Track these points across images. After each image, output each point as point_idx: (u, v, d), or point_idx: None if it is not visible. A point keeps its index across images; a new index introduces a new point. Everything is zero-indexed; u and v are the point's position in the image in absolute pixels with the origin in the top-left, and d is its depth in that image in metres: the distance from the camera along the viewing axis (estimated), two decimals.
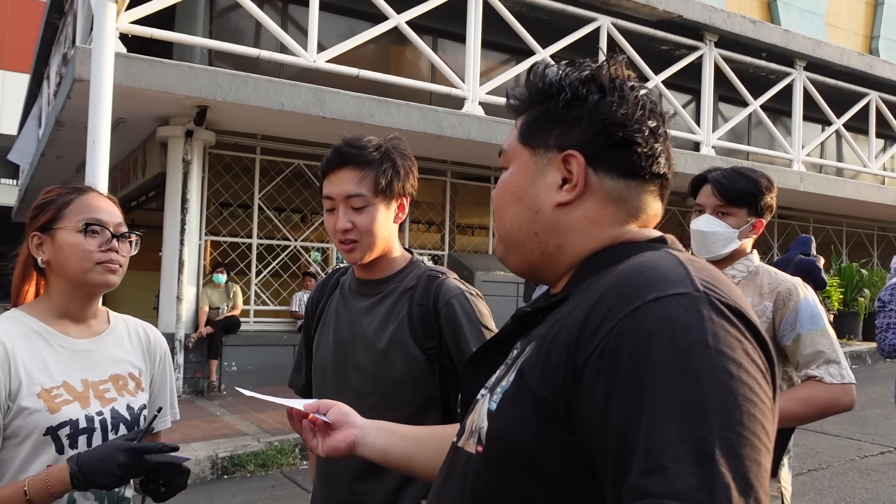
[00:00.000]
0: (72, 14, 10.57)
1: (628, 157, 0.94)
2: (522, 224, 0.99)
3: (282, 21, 9.12)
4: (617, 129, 0.93)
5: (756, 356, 0.76)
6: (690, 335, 0.73)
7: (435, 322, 1.72)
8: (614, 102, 0.94)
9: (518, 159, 1.01)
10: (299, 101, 7.72)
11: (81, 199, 1.59)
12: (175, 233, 8.37)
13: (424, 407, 1.73)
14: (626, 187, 0.96)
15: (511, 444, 0.84)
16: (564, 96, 0.95)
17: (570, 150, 0.94)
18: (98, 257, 1.54)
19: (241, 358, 8.81)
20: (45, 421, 1.47)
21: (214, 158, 9.12)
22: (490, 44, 9.61)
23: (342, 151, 1.73)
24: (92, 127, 5.42)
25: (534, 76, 1.01)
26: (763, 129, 12.79)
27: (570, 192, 0.95)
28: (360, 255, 1.74)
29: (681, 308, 0.75)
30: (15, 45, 24.60)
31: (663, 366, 0.72)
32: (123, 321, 1.76)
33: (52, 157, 11.03)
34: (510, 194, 1.00)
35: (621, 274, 0.83)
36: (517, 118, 1.03)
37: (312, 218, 10.05)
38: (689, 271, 0.81)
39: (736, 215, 2.24)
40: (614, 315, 0.77)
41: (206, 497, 5.27)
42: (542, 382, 0.82)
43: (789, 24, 13.90)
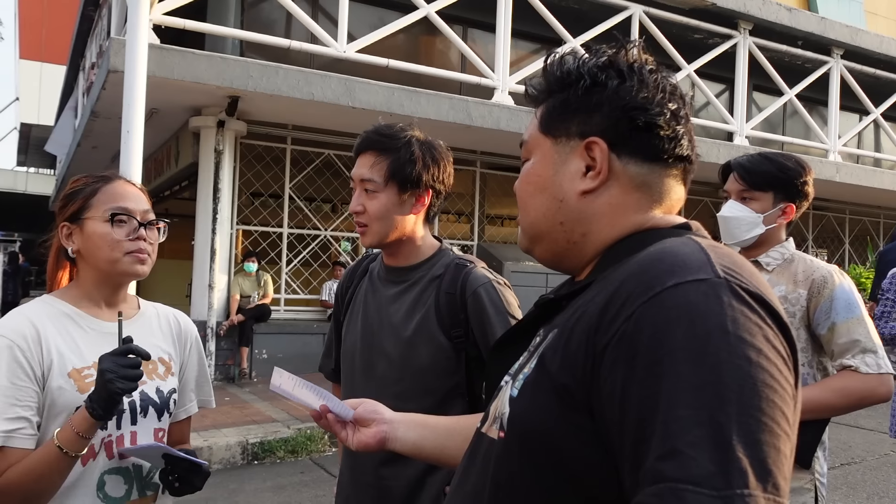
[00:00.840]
0: (107, 6, 10.72)
1: (651, 141, 0.93)
2: (547, 214, 0.98)
3: (312, 11, 9.16)
4: (638, 113, 0.92)
5: (777, 342, 0.75)
6: (709, 321, 0.73)
7: (462, 311, 1.73)
8: (634, 86, 0.93)
9: (540, 149, 1.00)
10: (329, 92, 7.75)
11: (108, 187, 1.59)
12: (207, 222, 8.47)
13: (450, 395, 1.74)
14: (650, 172, 0.95)
15: (532, 429, 0.85)
16: (584, 83, 0.95)
17: (592, 136, 0.94)
18: (127, 247, 1.55)
19: (272, 346, 8.91)
20: (74, 400, 1.48)
21: (246, 148, 9.20)
22: (520, 33, 9.56)
23: (367, 135, 1.78)
24: (126, 117, 5.51)
25: (551, 65, 1.00)
26: (798, 118, 12.56)
27: (594, 180, 0.94)
28: (370, 239, 1.77)
29: (700, 294, 0.75)
30: (52, 38, 25.03)
31: (681, 351, 0.72)
32: (154, 308, 1.77)
33: (87, 148, 11.23)
34: (533, 184, 1.00)
35: (642, 260, 0.83)
36: (537, 108, 1.03)
37: (342, 208, 10.10)
38: (709, 257, 0.80)
39: (760, 200, 2.20)
40: (633, 301, 0.77)
41: (237, 482, 5.35)
42: (563, 368, 0.83)
43: (827, 11, 13.62)
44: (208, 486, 1.91)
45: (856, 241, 15.12)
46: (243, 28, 8.64)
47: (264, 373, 8.81)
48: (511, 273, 9.07)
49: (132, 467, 1.57)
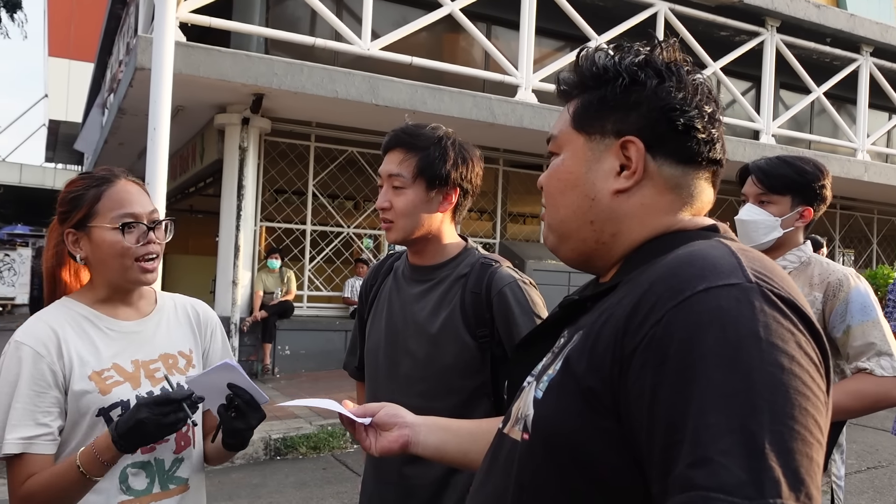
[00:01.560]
0: (134, 4, 10.83)
1: (687, 143, 0.93)
2: (577, 212, 0.96)
3: (336, 9, 9.19)
4: (677, 115, 0.92)
5: (809, 349, 0.74)
6: (741, 327, 0.72)
7: (487, 310, 1.73)
8: (672, 87, 0.93)
9: (571, 145, 0.98)
10: (353, 89, 7.78)
11: (111, 191, 1.56)
12: (231, 219, 8.54)
13: (475, 395, 1.74)
14: (683, 174, 0.94)
15: (557, 432, 0.84)
16: (622, 81, 0.94)
17: (628, 135, 0.93)
18: (137, 252, 1.54)
19: (295, 342, 8.96)
20: (97, 402, 1.50)
21: (270, 145, 9.26)
22: (544, 31, 9.52)
23: (396, 133, 1.78)
24: (153, 114, 5.56)
25: (584, 60, 0.99)
26: (826, 117, 12.38)
27: (628, 179, 0.93)
28: (395, 236, 1.76)
29: (732, 299, 0.74)
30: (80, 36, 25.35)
31: (713, 357, 0.71)
32: (172, 300, 1.76)
33: (114, 144, 11.36)
34: (564, 181, 0.98)
35: (671, 263, 0.82)
36: (567, 103, 1.01)
37: (365, 205, 10.13)
38: (740, 261, 0.79)
39: (778, 203, 2.21)
40: (663, 305, 0.76)
41: (260, 477, 5.39)
42: (589, 371, 0.82)
43: (856, 8, 13.40)
44: (231, 483, 1.92)
45: (884, 242, 14.90)
46: (268, 26, 8.69)
47: (287, 369, 8.86)
48: (533, 271, 9.04)
49: (154, 461, 1.58)
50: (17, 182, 28.10)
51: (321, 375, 8.64)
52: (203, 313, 1.79)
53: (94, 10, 22.39)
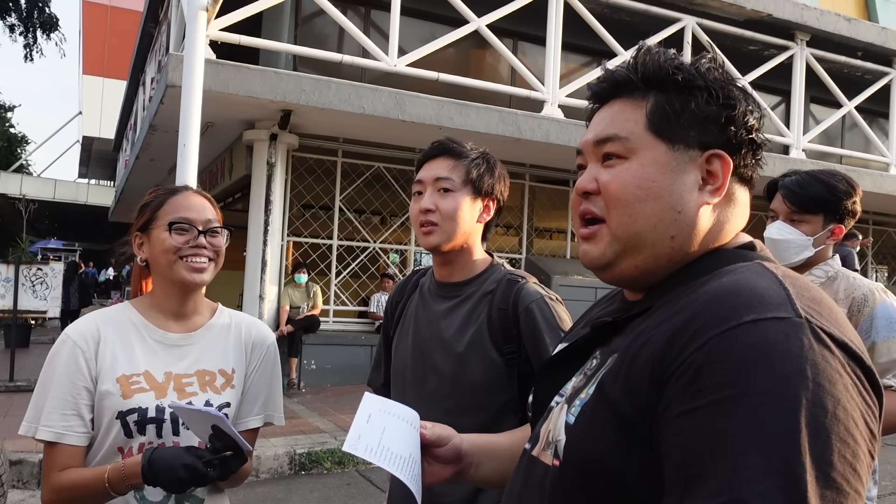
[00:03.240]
0: (166, 23, 11.03)
1: (754, 164, 0.95)
2: (659, 225, 0.90)
3: (364, 26, 9.28)
4: (758, 136, 0.93)
5: (855, 392, 0.71)
6: (788, 363, 0.69)
7: (514, 326, 1.72)
8: (753, 109, 0.93)
9: (650, 152, 0.91)
10: (380, 105, 7.83)
11: (174, 199, 1.67)
12: (259, 233, 8.61)
13: (502, 411, 1.72)
14: (745, 191, 0.96)
15: (590, 459, 0.82)
16: (715, 94, 0.91)
17: (714, 149, 0.91)
18: (183, 252, 1.61)
19: (321, 357, 8.99)
20: (117, 405, 1.55)
21: (297, 161, 9.34)
22: (570, 46, 9.52)
23: (442, 142, 1.80)
24: (183, 131, 5.65)
25: (658, 56, 0.94)
26: (858, 131, 12.21)
27: (714, 194, 0.91)
28: (438, 239, 1.74)
29: (780, 333, 0.71)
30: (113, 54, 25.85)
31: (756, 394, 0.68)
32: (229, 317, 1.79)
33: (145, 160, 11.53)
34: (646, 190, 0.91)
35: (715, 291, 0.79)
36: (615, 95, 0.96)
37: (391, 220, 10.17)
38: (789, 293, 0.76)
39: (810, 222, 2.18)
40: (705, 332, 0.74)
41: (284, 492, 5.39)
42: (624, 397, 0.79)
43: (888, 20, 13.24)
44: (255, 497, 1.92)
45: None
46: (296, 43, 8.80)
47: (313, 383, 8.88)
48: (559, 287, 8.99)
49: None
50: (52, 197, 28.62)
51: (346, 390, 8.64)
52: (258, 334, 1.80)
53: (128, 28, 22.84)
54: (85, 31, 27.01)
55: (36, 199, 26.59)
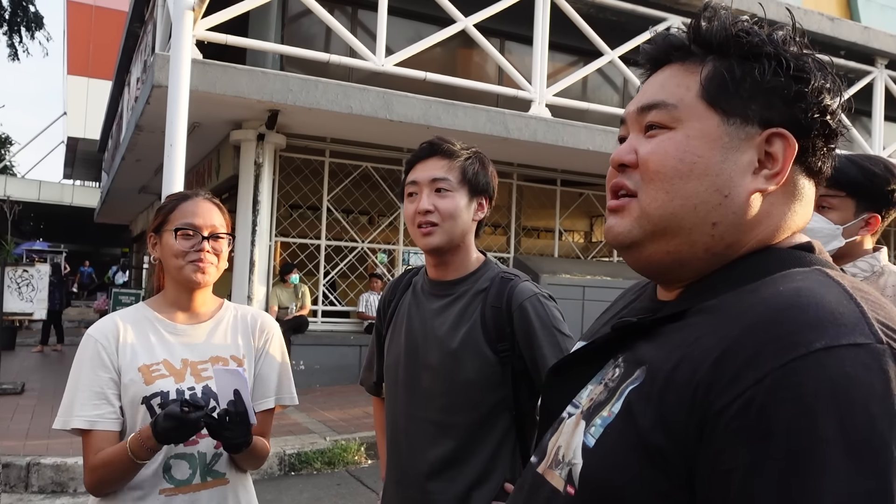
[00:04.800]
0: (152, 23, 10.97)
1: (825, 153, 0.80)
2: (700, 207, 0.77)
3: (351, 26, 9.26)
4: (833, 119, 0.78)
5: None
6: (873, 405, 0.57)
7: (508, 324, 1.72)
8: (832, 88, 0.79)
9: (700, 123, 0.79)
10: (367, 105, 7.82)
11: (184, 205, 1.81)
12: (247, 234, 8.58)
13: (496, 409, 1.73)
14: (811, 186, 0.81)
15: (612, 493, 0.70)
16: (785, 66, 0.78)
17: (778, 127, 0.77)
18: (190, 256, 1.76)
19: (309, 357, 8.97)
20: (141, 391, 1.71)
21: (285, 161, 9.32)
22: (557, 45, 9.55)
23: (433, 142, 1.81)
24: (169, 131, 5.62)
25: (723, 18, 0.82)
26: None
27: (770, 180, 0.77)
28: (438, 239, 1.75)
29: (859, 366, 0.59)
30: (98, 54, 25.67)
31: (837, 445, 0.56)
32: (235, 310, 1.95)
33: (131, 161, 11.46)
34: (690, 165, 0.77)
35: (772, 303, 0.66)
36: (668, 60, 0.85)
37: (380, 220, 10.17)
38: (863, 310, 0.64)
39: (839, 209, 1.96)
40: (767, 361, 0.61)
41: (274, 493, 5.38)
42: (657, 426, 0.67)
43: (870, 20, 13.35)
44: None
45: None
46: (283, 43, 8.77)
47: (301, 384, 8.82)
48: (547, 286, 8.94)
49: (197, 454, 1.74)
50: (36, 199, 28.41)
51: (335, 390, 8.63)
52: (262, 321, 1.96)
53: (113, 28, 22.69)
54: (69, 31, 26.82)
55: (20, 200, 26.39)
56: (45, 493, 5.25)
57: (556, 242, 11.45)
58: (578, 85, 9.77)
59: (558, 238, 11.42)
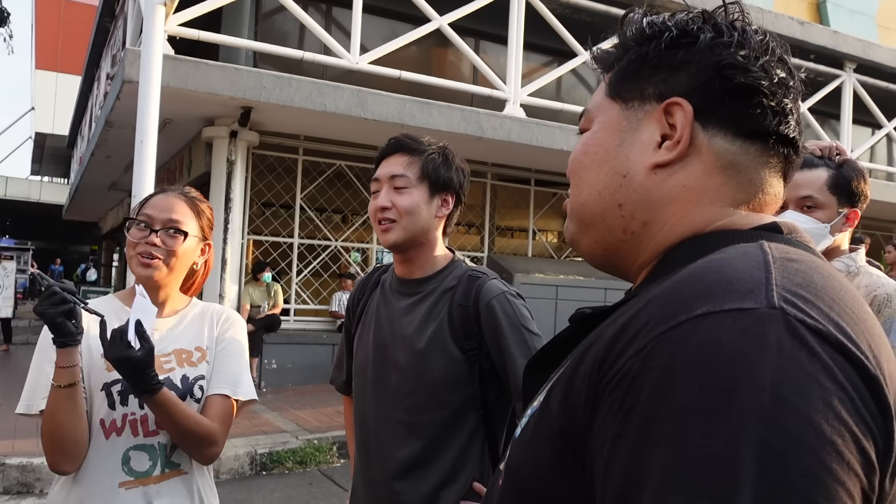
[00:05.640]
0: (122, 17, 10.83)
1: (749, 110, 0.73)
2: (604, 193, 0.78)
3: (325, 23, 9.21)
4: (737, 73, 0.73)
5: (845, 408, 0.52)
6: (739, 371, 0.52)
7: (475, 323, 1.72)
8: (732, 43, 0.74)
9: (604, 115, 0.81)
10: (342, 103, 7.79)
11: (153, 199, 1.80)
12: (218, 232, 8.49)
13: (463, 408, 1.73)
14: (742, 152, 0.74)
15: (526, 482, 0.68)
16: (669, 35, 0.76)
17: (673, 97, 0.75)
18: (138, 248, 1.73)
19: (282, 356, 8.91)
20: (103, 377, 1.67)
21: (258, 159, 9.25)
22: (532, 46, 9.58)
23: (398, 139, 1.81)
24: (140, 127, 5.55)
25: (630, 20, 0.82)
26: (811, 132, 12.49)
27: (670, 150, 0.74)
28: (395, 235, 1.74)
29: (736, 331, 0.54)
30: (67, 48, 25.28)
31: (691, 410, 0.53)
32: (202, 307, 1.91)
33: (101, 157, 11.30)
34: (591, 155, 0.80)
35: (681, 275, 0.63)
36: (606, 74, 0.85)
37: (353, 218, 10.13)
38: (770, 276, 0.59)
39: (825, 207, 1.95)
40: (650, 331, 0.58)
41: (245, 492, 5.34)
42: (563, 408, 0.65)
43: (839, 25, 13.58)
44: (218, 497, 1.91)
45: (868, 256, 15.02)
46: (257, 39, 8.70)
47: (274, 383, 8.81)
48: (521, 285, 9.04)
49: (157, 444, 1.69)
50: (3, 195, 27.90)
51: (308, 389, 8.59)
52: (227, 315, 1.92)
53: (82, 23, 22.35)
54: (38, 26, 26.37)
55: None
56: (11, 494, 5.16)
57: (529, 242, 11.49)
58: (553, 85, 9.81)
59: (532, 238, 11.46)
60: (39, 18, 26.25)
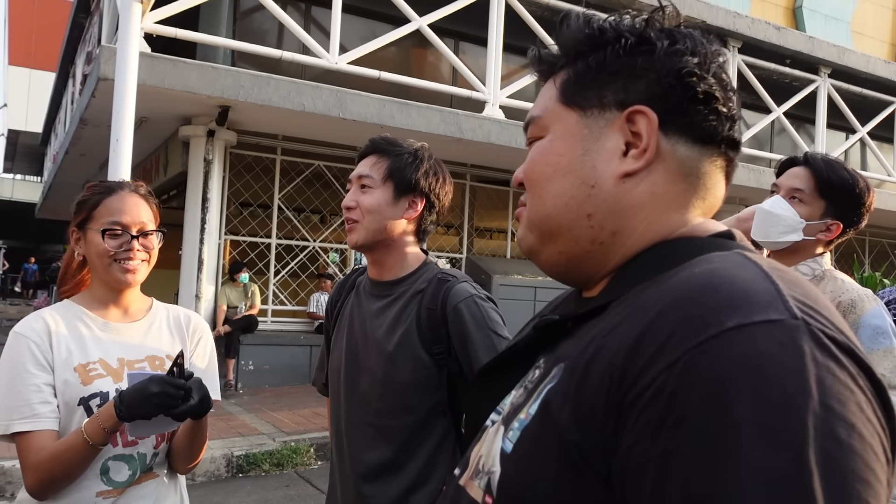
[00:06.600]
0: (98, 14, 10.69)
1: (707, 116, 0.76)
2: (571, 203, 0.77)
3: (304, 22, 9.16)
4: (696, 81, 0.75)
5: (870, 410, 0.57)
6: (788, 383, 0.54)
7: (443, 326, 1.70)
8: (686, 50, 0.76)
9: (561, 123, 0.80)
10: (320, 103, 7.75)
11: (109, 200, 1.71)
12: (195, 232, 8.43)
13: (432, 413, 1.72)
14: (699, 157, 0.77)
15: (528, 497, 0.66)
16: (627, 42, 0.77)
17: (636, 105, 0.76)
18: (117, 256, 1.69)
19: (259, 357, 8.85)
20: (78, 392, 1.63)
21: (235, 158, 9.18)
22: (512, 47, 9.60)
23: (373, 141, 1.82)
24: (116, 125, 5.49)
25: (573, 24, 0.82)
26: (786, 136, 12.66)
27: (637, 159, 0.75)
28: (357, 235, 1.76)
29: (773, 343, 0.56)
30: (41, 44, 24.95)
31: (751, 425, 0.53)
32: (165, 309, 1.89)
33: (75, 155, 11.16)
34: (554, 165, 0.79)
35: (686, 285, 0.64)
36: (551, 77, 0.85)
37: (331, 219, 10.08)
38: (778, 287, 0.61)
39: (809, 204, 1.99)
40: (679, 344, 0.58)
41: (222, 495, 5.29)
42: (575, 422, 0.64)
43: (814, 30, 13.76)
44: (192, 500, 1.89)
45: (841, 259, 15.23)
46: (235, 38, 8.63)
47: (250, 384, 8.74)
48: (499, 286, 9.06)
49: (136, 455, 1.68)
50: None
51: (285, 391, 8.53)
52: (195, 322, 1.90)
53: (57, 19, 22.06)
54: (11, 21, 25.98)
55: None
56: None
57: (508, 243, 11.51)
58: (532, 87, 9.82)
59: (511, 239, 11.48)
60: (12, 14, 25.87)
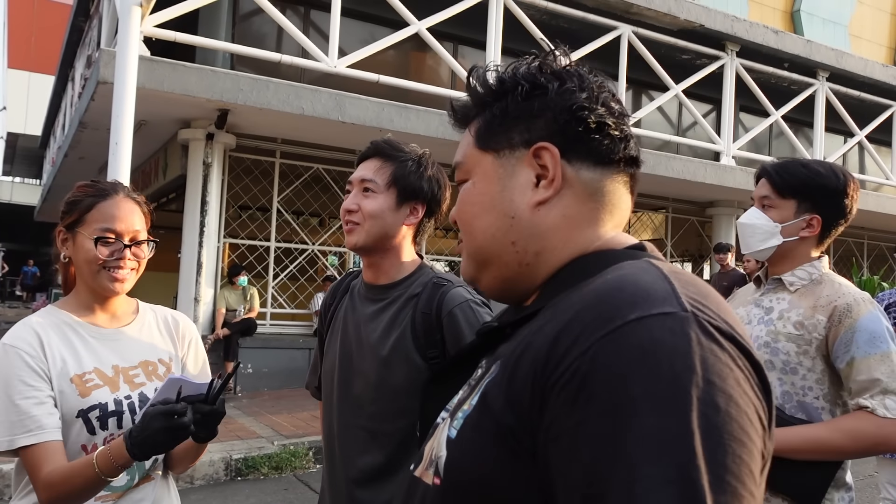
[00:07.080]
0: (97, 17, 10.71)
1: (602, 142, 0.88)
2: (497, 234, 0.89)
3: (303, 26, 9.19)
4: (587, 113, 0.87)
5: (747, 386, 0.69)
6: (676, 362, 0.66)
7: (438, 331, 1.70)
8: (575, 88, 0.88)
9: (480, 167, 0.92)
10: (319, 106, 7.76)
11: (103, 204, 1.66)
12: (194, 235, 8.43)
13: None
14: (602, 177, 0.89)
15: (471, 477, 0.76)
16: (523, 89, 0.89)
17: (539, 142, 0.87)
18: (107, 264, 1.64)
19: (257, 360, 8.85)
20: (76, 404, 1.59)
21: (234, 161, 9.19)
22: (510, 51, 9.60)
23: (376, 144, 1.80)
24: (115, 129, 5.49)
25: (477, 78, 0.94)
26: (784, 139, 12.68)
27: (547, 189, 0.87)
28: (357, 238, 1.75)
29: (666, 331, 0.68)
30: (41, 48, 24.96)
31: (645, 398, 0.64)
32: (152, 311, 1.85)
33: (74, 158, 11.17)
34: (478, 204, 0.91)
35: (598, 288, 0.75)
36: (466, 127, 0.96)
37: (330, 222, 10.09)
38: (674, 286, 0.73)
39: (780, 207, 1.99)
40: (590, 335, 0.69)
41: (220, 498, 5.29)
42: (507, 408, 0.74)
43: (812, 34, 13.80)
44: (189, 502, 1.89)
45: (840, 262, 15.25)
46: (234, 41, 8.65)
47: (249, 387, 8.74)
48: None
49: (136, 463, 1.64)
50: None
51: (284, 394, 8.53)
52: (183, 324, 1.87)
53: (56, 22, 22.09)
54: (10, 24, 26.00)
55: None
56: None
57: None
58: None
59: None
60: (12, 17, 25.88)
